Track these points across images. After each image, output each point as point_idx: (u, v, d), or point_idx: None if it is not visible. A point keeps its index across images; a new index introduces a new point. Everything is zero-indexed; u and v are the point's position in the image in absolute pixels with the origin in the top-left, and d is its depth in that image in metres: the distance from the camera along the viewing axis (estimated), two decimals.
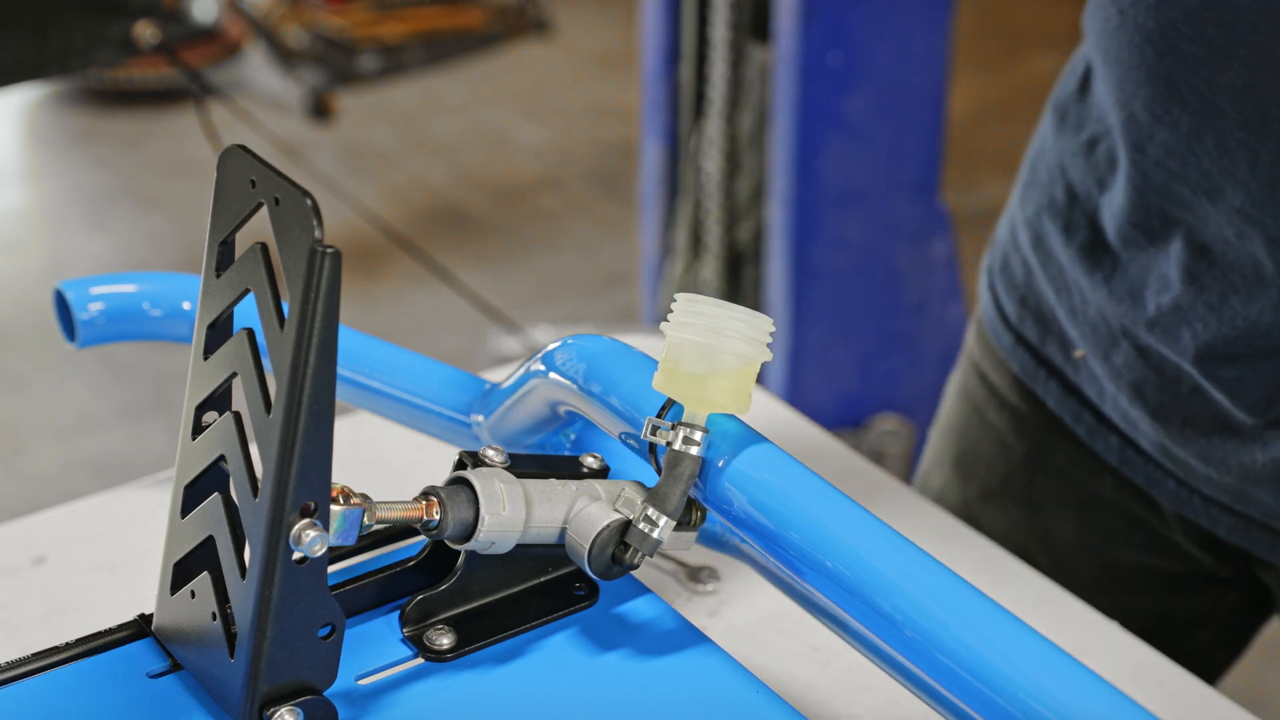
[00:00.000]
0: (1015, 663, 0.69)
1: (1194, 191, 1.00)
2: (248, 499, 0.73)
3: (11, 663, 0.78)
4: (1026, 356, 1.17)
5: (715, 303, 0.77)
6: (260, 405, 0.72)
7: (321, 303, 0.69)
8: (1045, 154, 1.16)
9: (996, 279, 1.21)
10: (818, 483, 0.76)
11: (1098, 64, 1.06)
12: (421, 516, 0.77)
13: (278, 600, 0.72)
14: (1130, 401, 1.09)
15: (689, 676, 0.80)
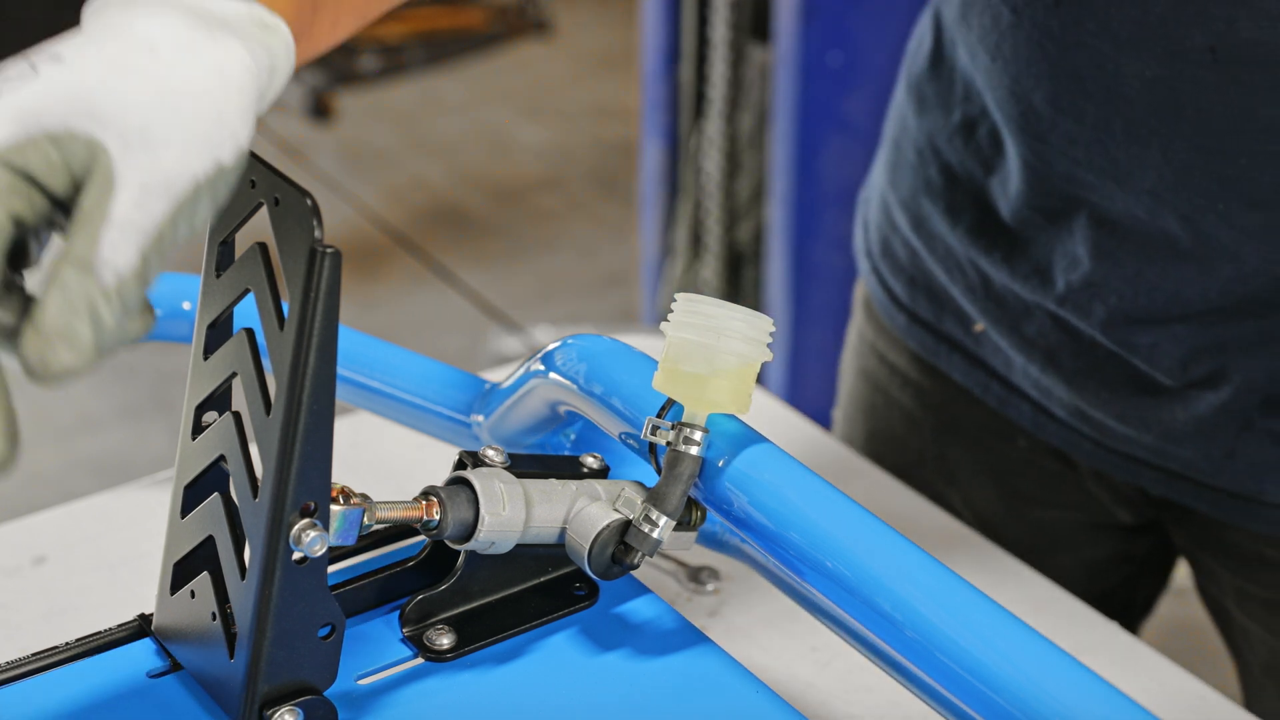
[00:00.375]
0: (1015, 663, 0.69)
1: (1100, 177, 1.00)
2: (248, 499, 0.72)
3: (11, 663, 0.77)
4: (924, 334, 1.18)
5: (715, 302, 0.77)
6: (260, 405, 0.72)
7: (321, 303, 0.69)
8: (909, 133, 1.16)
9: (879, 262, 1.20)
10: (818, 483, 0.76)
11: (978, 58, 1.05)
12: (421, 516, 0.77)
13: (278, 600, 0.72)
14: (1043, 370, 1.10)
15: (689, 676, 0.80)
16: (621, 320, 3.32)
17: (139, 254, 0.64)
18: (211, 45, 0.68)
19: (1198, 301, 1.00)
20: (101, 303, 0.64)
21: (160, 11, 0.68)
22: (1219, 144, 0.95)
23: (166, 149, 0.65)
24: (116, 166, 0.64)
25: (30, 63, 0.66)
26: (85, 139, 0.65)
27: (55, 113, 0.64)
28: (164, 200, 0.65)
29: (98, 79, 0.65)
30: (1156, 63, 0.95)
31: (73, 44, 0.67)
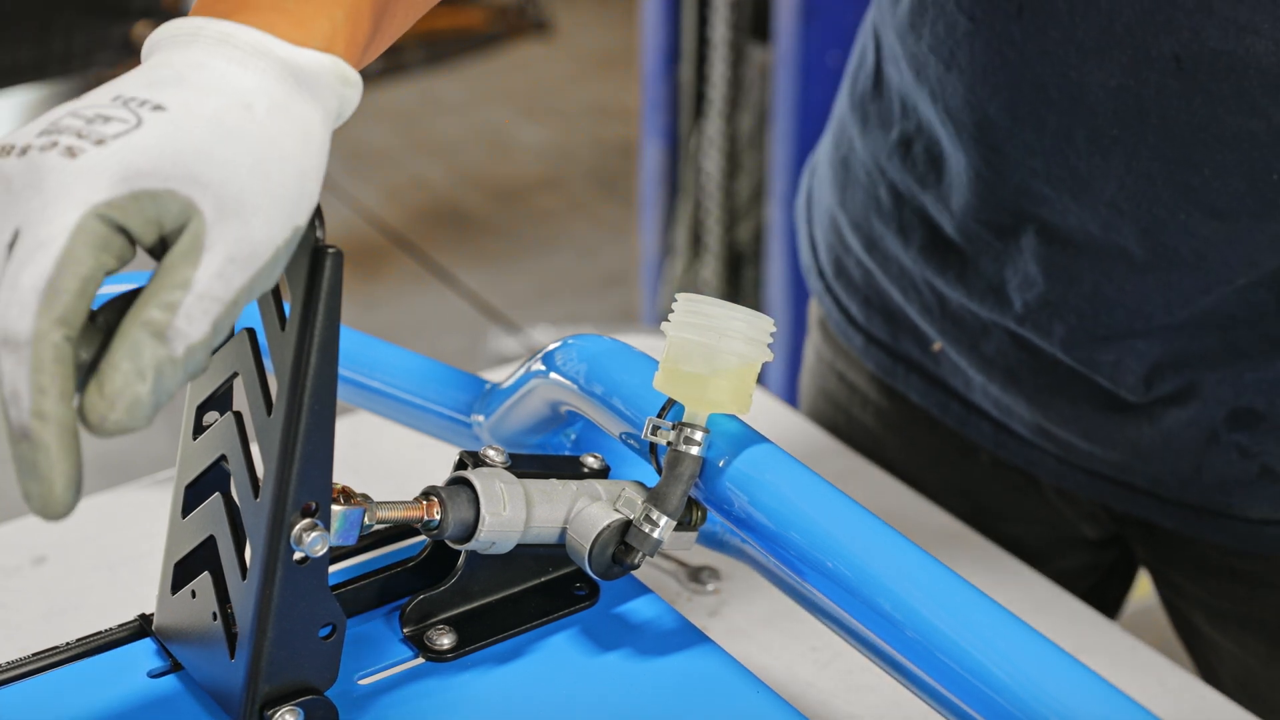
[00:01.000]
0: (1015, 663, 0.69)
1: (1056, 189, 0.99)
2: (249, 499, 0.72)
3: (12, 663, 0.77)
4: (881, 354, 1.17)
5: (716, 303, 0.76)
6: (261, 405, 0.72)
7: (323, 303, 0.69)
8: (857, 154, 1.15)
9: (833, 283, 1.20)
10: (818, 483, 0.76)
11: (928, 68, 1.04)
12: (422, 516, 0.77)
13: (278, 600, 0.72)
14: (1003, 388, 1.09)
15: (689, 676, 0.80)
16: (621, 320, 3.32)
17: (212, 325, 0.64)
18: (300, 104, 0.68)
19: (1160, 315, 1.00)
20: (169, 371, 0.63)
21: (254, 62, 0.68)
22: (1183, 153, 0.94)
23: (256, 217, 0.65)
24: (208, 233, 0.64)
25: (130, 105, 0.65)
26: (184, 201, 0.64)
27: (159, 173, 0.64)
28: (246, 271, 0.65)
29: (202, 142, 0.65)
30: (1121, 71, 0.94)
31: (171, 90, 0.66)
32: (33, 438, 0.61)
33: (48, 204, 0.63)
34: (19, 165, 0.64)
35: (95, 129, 0.64)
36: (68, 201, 0.63)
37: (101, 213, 0.63)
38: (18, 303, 0.61)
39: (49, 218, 0.62)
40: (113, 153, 0.64)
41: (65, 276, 0.62)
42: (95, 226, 0.63)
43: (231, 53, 0.68)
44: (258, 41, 0.68)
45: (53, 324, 0.61)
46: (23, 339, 0.61)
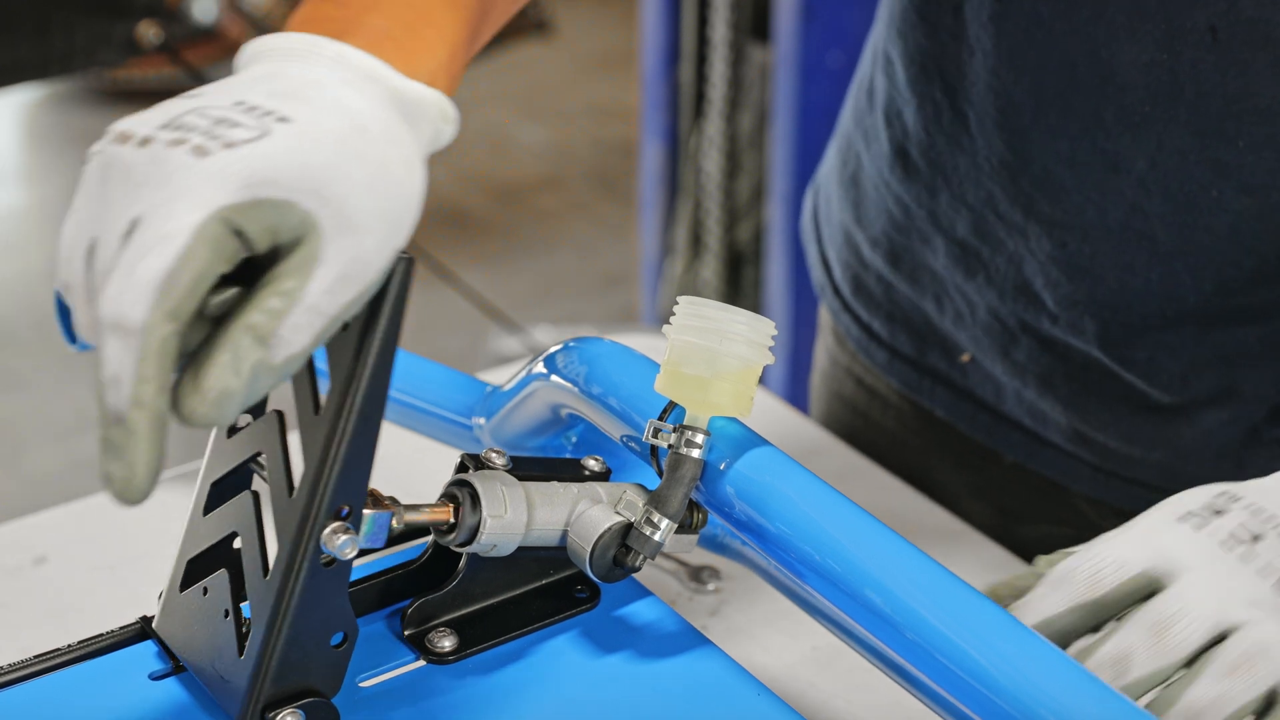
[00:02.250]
0: (1016, 666, 0.69)
1: (1081, 174, 0.98)
2: (282, 497, 0.72)
3: (13, 665, 0.77)
4: (908, 370, 1.16)
5: (717, 305, 0.76)
6: (309, 404, 0.72)
7: (390, 307, 0.69)
8: (865, 170, 1.15)
9: (851, 300, 1.19)
10: (819, 486, 0.76)
11: (946, 57, 1.03)
12: (448, 519, 0.77)
13: (298, 600, 0.72)
14: (1039, 395, 1.08)
15: (690, 679, 0.80)
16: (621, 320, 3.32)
17: (314, 337, 0.66)
18: (407, 134, 0.70)
19: (1192, 300, 0.99)
20: (264, 375, 0.65)
21: (367, 87, 0.70)
22: (1217, 126, 0.93)
23: (368, 236, 0.67)
24: (324, 248, 0.65)
25: (254, 114, 0.66)
26: (304, 213, 0.65)
27: (284, 184, 0.65)
28: (354, 289, 0.66)
29: (327, 159, 0.66)
30: (1154, 46, 0.93)
31: (294, 104, 0.67)
32: (127, 423, 0.63)
33: (173, 199, 0.64)
34: (141, 156, 0.65)
35: (223, 132, 0.65)
36: (193, 200, 0.64)
37: (225, 215, 0.64)
38: (133, 290, 0.63)
39: (173, 213, 0.64)
40: (241, 158, 0.65)
41: (183, 272, 0.63)
42: (216, 228, 0.64)
43: (346, 74, 0.70)
44: (372, 67, 0.70)
45: (164, 317, 0.63)
46: (134, 327, 0.63)
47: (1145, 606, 0.73)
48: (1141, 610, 0.73)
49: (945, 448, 1.19)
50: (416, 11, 0.75)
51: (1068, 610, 0.75)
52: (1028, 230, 1.02)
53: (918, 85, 1.06)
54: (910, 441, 1.21)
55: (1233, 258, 0.97)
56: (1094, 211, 0.99)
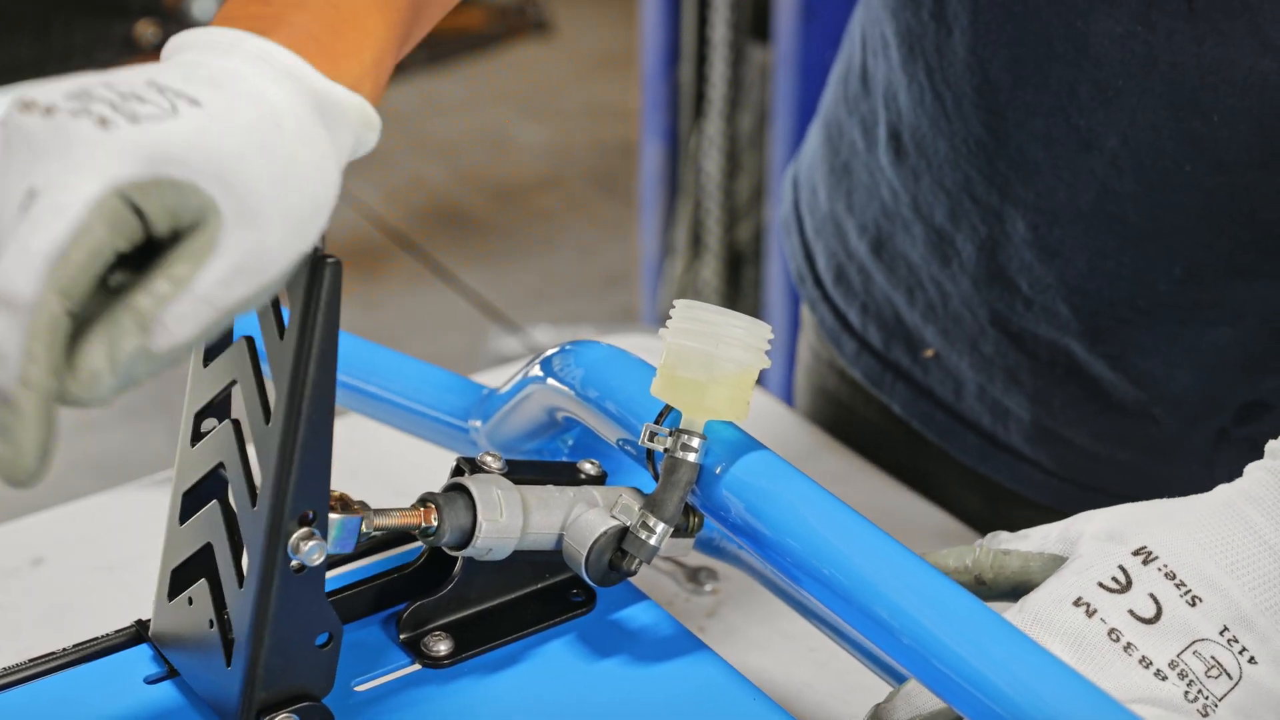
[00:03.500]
0: (1012, 672, 0.69)
1: (1055, 152, 0.97)
2: (246, 507, 0.72)
3: (9, 668, 0.77)
4: (872, 362, 1.15)
5: (714, 309, 0.76)
6: (260, 413, 0.72)
7: (322, 313, 0.69)
8: (860, 155, 1.13)
9: (832, 290, 1.18)
10: (815, 490, 0.76)
11: (926, 38, 1.01)
12: (420, 523, 0.77)
13: (275, 608, 0.72)
14: (1005, 390, 1.08)
15: (685, 683, 0.79)
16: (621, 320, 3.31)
17: (201, 329, 0.64)
18: (323, 136, 0.69)
19: (1162, 285, 0.98)
20: (142, 362, 0.63)
21: (287, 83, 0.68)
22: (1192, 99, 0.92)
23: (271, 233, 0.65)
24: (222, 237, 0.64)
25: (165, 93, 0.65)
26: (206, 198, 0.64)
27: (188, 164, 0.63)
28: (250, 284, 0.64)
29: (235, 146, 0.64)
30: (1129, 17, 0.92)
31: (208, 90, 0.66)
32: (13, 403, 0.60)
33: (71, 170, 0.62)
34: (44, 125, 0.63)
35: (130, 106, 0.64)
36: (92, 172, 0.62)
37: (124, 191, 0.62)
38: (24, 265, 0.61)
39: (70, 184, 0.62)
40: (145, 133, 0.63)
41: (77, 247, 0.61)
42: (114, 203, 0.62)
43: (267, 70, 0.68)
44: (293, 65, 0.69)
45: (56, 293, 0.61)
46: (22, 302, 0.60)
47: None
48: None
49: (928, 438, 1.19)
50: (342, 14, 0.72)
51: (933, 713, 0.75)
52: (1003, 213, 1.02)
53: (907, 65, 1.05)
54: (894, 431, 1.21)
55: (1204, 240, 0.96)
56: (1066, 192, 0.98)
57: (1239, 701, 0.72)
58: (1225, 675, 0.72)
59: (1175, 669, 0.72)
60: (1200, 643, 0.73)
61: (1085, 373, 1.04)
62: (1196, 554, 0.74)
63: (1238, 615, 0.73)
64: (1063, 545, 0.78)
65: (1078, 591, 0.74)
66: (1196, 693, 0.72)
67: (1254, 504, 0.76)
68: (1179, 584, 0.74)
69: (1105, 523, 0.78)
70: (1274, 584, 0.74)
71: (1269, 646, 0.73)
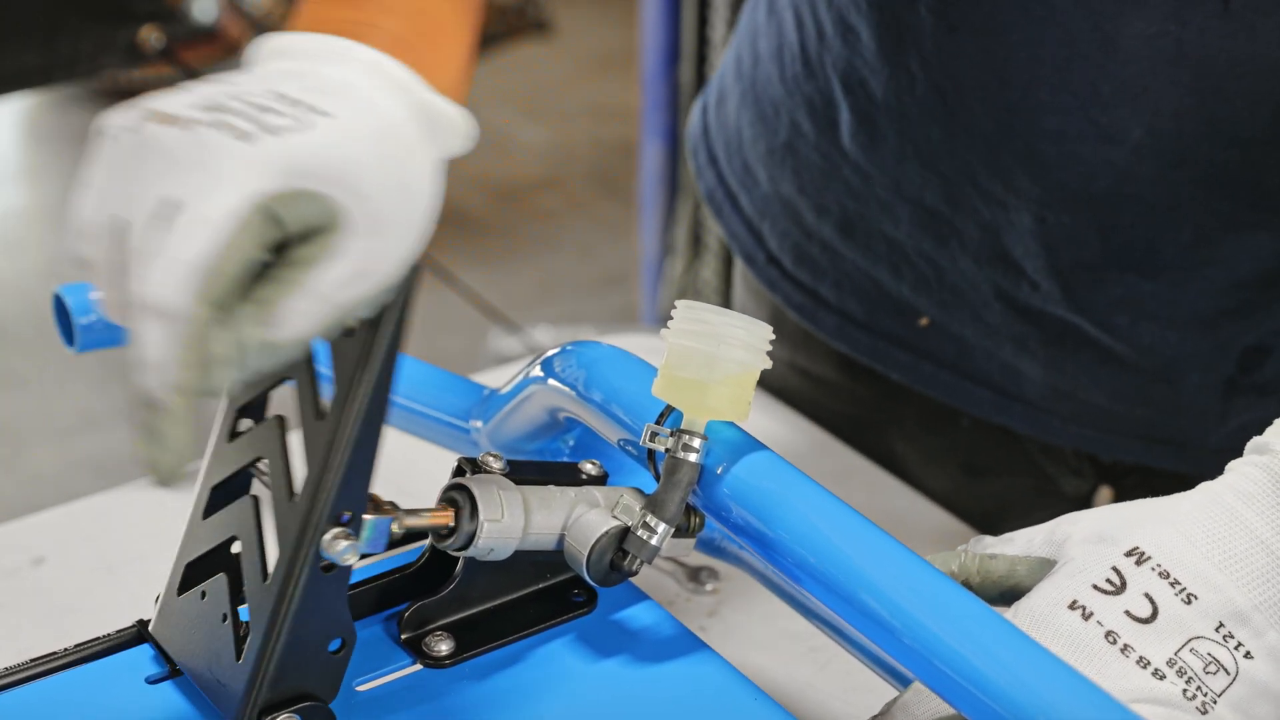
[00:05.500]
0: (1013, 672, 0.69)
1: (1070, 146, 0.97)
2: (284, 502, 0.72)
3: (9, 668, 0.77)
4: (858, 333, 1.14)
5: (716, 310, 0.76)
6: (311, 410, 0.72)
7: (395, 312, 0.69)
8: (807, 138, 1.11)
9: (794, 270, 1.16)
10: (816, 490, 0.76)
11: (919, 33, 1.00)
12: (448, 523, 0.77)
13: (298, 605, 0.72)
14: (1015, 355, 1.07)
15: (687, 683, 0.79)
16: (621, 321, 3.31)
17: (316, 326, 0.66)
18: (431, 147, 0.71)
19: (1170, 250, 0.98)
20: (262, 353, 0.65)
21: (397, 94, 0.70)
22: (1217, 86, 0.92)
23: (389, 239, 0.67)
24: (346, 242, 0.66)
25: (295, 106, 0.67)
26: (336, 206, 0.66)
27: (324, 176, 0.65)
28: (365, 286, 0.67)
29: (365, 157, 0.67)
30: (1162, 17, 0.91)
31: (333, 101, 0.68)
32: (171, 409, 0.63)
33: (215, 182, 0.64)
34: (184, 136, 0.65)
35: (266, 119, 0.66)
36: (235, 183, 0.64)
37: (266, 203, 0.64)
38: (175, 275, 0.62)
39: (215, 197, 0.63)
40: (284, 145, 0.65)
41: (228, 259, 0.63)
42: (258, 215, 0.64)
43: (379, 81, 0.70)
44: (403, 78, 0.71)
45: (206, 303, 0.63)
46: (177, 313, 0.62)
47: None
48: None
49: (904, 418, 1.19)
50: (429, 19, 0.75)
51: None
52: (1007, 202, 1.01)
53: (892, 56, 1.03)
54: (868, 418, 1.20)
55: (1212, 205, 0.97)
56: (1080, 182, 0.98)
57: (1237, 697, 0.72)
58: (1223, 671, 0.72)
59: (1173, 667, 0.72)
60: (1197, 640, 0.73)
61: (1097, 344, 1.04)
62: (1189, 551, 0.75)
63: (1233, 611, 0.73)
64: (1049, 548, 0.78)
65: (1072, 595, 0.74)
66: (1195, 690, 0.72)
67: (1242, 499, 0.76)
68: (1173, 582, 0.74)
69: (1093, 525, 0.78)
70: (1267, 579, 0.74)
71: (1264, 641, 0.73)
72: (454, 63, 0.76)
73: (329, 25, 0.73)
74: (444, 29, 0.76)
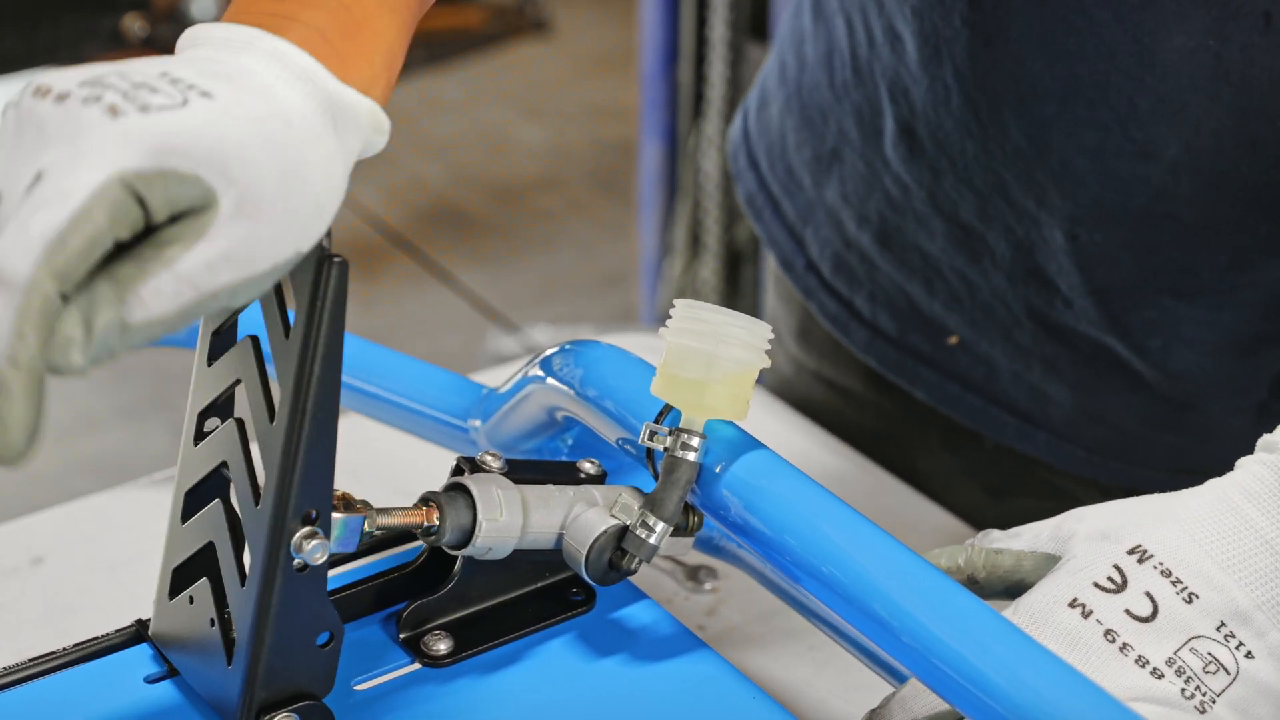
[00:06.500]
0: (1010, 670, 0.69)
1: (1105, 163, 0.95)
2: (249, 506, 0.72)
3: (9, 668, 0.77)
4: (887, 349, 1.13)
5: (714, 309, 0.76)
6: (264, 412, 0.72)
7: (328, 312, 0.69)
8: (853, 144, 1.10)
9: (832, 279, 1.15)
10: (814, 490, 0.76)
11: (953, 43, 0.98)
12: (422, 522, 0.77)
13: (277, 607, 0.72)
14: (1044, 377, 1.06)
15: (685, 682, 0.79)
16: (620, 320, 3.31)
17: (179, 310, 0.64)
18: (332, 137, 0.69)
19: (1206, 273, 0.97)
20: (117, 336, 0.63)
21: (300, 84, 0.69)
22: (1260, 106, 0.91)
23: (267, 228, 0.65)
24: (215, 224, 0.64)
25: (178, 85, 0.65)
26: (207, 189, 0.64)
27: (193, 155, 0.64)
28: (235, 273, 0.65)
29: (241, 140, 0.65)
30: (1203, 32, 0.90)
31: (220, 84, 0.66)
32: (2, 382, 0.60)
33: (78, 156, 0.63)
34: (55, 111, 0.64)
35: (141, 95, 0.64)
36: (98, 159, 0.63)
37: (128, 180, 0.63)
38: (23, 245, 0.61)
39: (76, 170, 0.62)
40: (154, 123, 0.64)
41: (75, 233, 0.61)
42: (117, 191, 0.62)
43: (280, 69, 0.69)
44: (307, 66, 0.69)
45: (50, 275, 0.61)
46: (17, 282, 0.61)
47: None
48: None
49: (928, 435, 1.18)
50: (355, 15, 0.73)
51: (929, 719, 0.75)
52: (1039, 219, 1.00)
53: (930, 66, 1.02)
54: (892, 433, 1.20)
55: (1249, 227, 0.96)
56: (1116, 199, 0.97)
57: (1237, 697, 0.72)
58: (1223, 671, 0.72)
59: (1172, 666, 0.72)
60: (1197, 639, 0.73)
61: (1129, 367, 1.03)
62: (1192, 550, 0.74)
63: (1234, 611, 0.73)
64: (1055, 544, 0.78)
65: (1073, 593, 0.74)
66: (1194, 689, 0.72)
67: (1249, 499, 0.76)
68: (1175, 581, 0.74)
69: (1098, 521, 0.77)
70: (1270, 579, 0.74)
71: (1266, 641, 0.73)
72: (374, 57, 0.73)
73: (250, 17, 0.71)
74: (368, 23, 0.73)
